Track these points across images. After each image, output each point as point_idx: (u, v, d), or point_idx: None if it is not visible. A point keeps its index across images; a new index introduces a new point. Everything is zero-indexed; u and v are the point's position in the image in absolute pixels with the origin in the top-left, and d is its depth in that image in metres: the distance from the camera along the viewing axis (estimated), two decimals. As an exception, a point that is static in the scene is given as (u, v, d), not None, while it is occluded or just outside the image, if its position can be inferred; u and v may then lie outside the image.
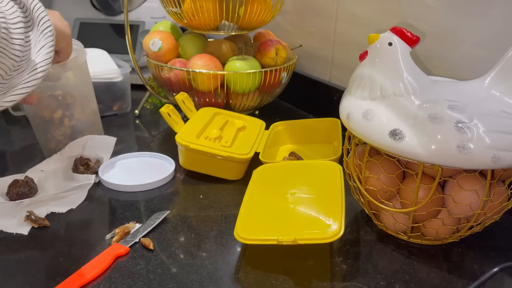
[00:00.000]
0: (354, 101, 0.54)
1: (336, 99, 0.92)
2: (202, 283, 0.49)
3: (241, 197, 0.59)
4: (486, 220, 0.52)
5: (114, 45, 1.15)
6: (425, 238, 0.56)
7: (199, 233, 0.58)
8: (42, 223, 0.58)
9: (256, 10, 0.86)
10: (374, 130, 0.51)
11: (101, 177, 0.70)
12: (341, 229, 0.49)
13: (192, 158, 0.71)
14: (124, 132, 0.89)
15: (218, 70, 0.86)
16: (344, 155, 0.61)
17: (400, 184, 0.54)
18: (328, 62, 0.98)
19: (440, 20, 0.70)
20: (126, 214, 0.63)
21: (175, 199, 0.67)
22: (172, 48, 0.90)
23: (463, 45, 0.67)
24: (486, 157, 0.45)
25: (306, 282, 0.50)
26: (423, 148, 0.47)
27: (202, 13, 0.84)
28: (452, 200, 0.51)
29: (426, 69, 0.73)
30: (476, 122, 0.46)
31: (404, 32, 0.52)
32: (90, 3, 1.28)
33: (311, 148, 0.83)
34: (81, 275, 0.49)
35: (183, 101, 0.80)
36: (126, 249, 0.54)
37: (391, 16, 0.79)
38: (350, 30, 0.90)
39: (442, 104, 0.48)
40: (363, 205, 0.60)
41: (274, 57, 0.89)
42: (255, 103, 0.93)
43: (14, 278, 0.49)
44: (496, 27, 0.63)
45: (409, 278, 0.51)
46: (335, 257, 0.54)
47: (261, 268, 0.52)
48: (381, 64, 0.53)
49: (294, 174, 0.62)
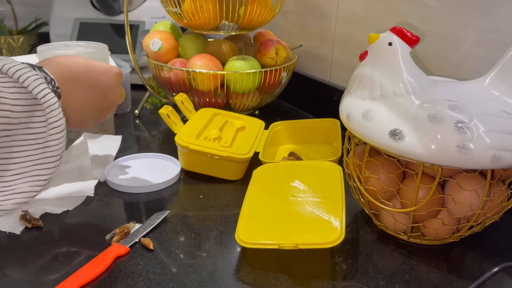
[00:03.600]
0: (354, 101, 0.54)
1: (336, 99, 0.92)
2: (202, 283, 0.49)
3: (241, 197, 0.59)
4: (486, 220, 0.52)
5: (114, 45, 1.15)
6: (425, 238, 0.56)
7: (199, 233, 0.58)
8: (36, 223, 0.58)
9: (256, 10, 0.86)
10: (374, 130, 0.51)
11: (107, 178, 0.70)
12: (342, 233, 0.49)
13: (192, 159, 0.71)
14: (124, 132, 0.89)
15: (218, 70, 0.86)
16: (344, 155, 0.61)
17: (400, 184, 0.54)
18: (328, 62, 0.98)
19: (440, 20, 0.70)
20: (126, 214, 0.63)
21: (175, 199, 0.67)
22: (172, 48, 0.90)
23: (463, 45, 0.67)
24: (486, 157, 0.45)
25: (306, 282, 0.50)
26: (423, 148, 0.47)
27: (202, 13, 0.84)
28: (452, 200, 0.51)
29: (426, 69, 0.73)
30: (476, 122, 0.46)
31: (404, 32, 0.52)
32: (90, 3, 1.28)
33: (310, 148, 0.83)
34: (81, 275, 0.49)
35: (182, 102, 0.80)
36: (126, 249, 0.54)
37: (391, 16, 0.79)
38: (350, 30, 0.90)
39: (442, 104, 0.48)
40: (363, 205, 0.60)
41: (274, 57, 0.89)
42: (255, 103, 0.93)
43: (14, 278, 0.49)
44: (496, 27, 0.63)
45: (409, 278, 0.51)
46: (335, 257, 0.54)
47: (261, 268, 0.52)
48: (381, 64, 0.53)
49: (295, 174, 0.62)
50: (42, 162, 0.41)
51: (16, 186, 0.40)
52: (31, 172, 0.41)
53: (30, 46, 1.50)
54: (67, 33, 1.25)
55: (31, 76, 0.39)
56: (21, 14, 1.56)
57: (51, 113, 0.40)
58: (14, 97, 0.38)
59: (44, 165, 0.41)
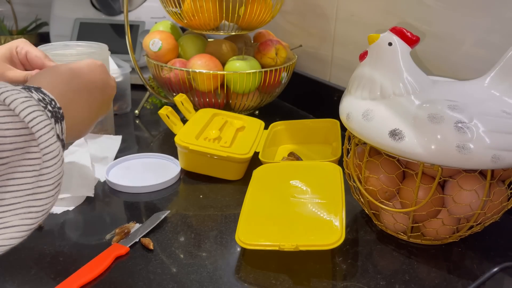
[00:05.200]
0: (354, 101, 0.54)
1: (336, 99, 0.92)
2: (202, 283, 0.49)
3: (241, 197, 0.59)
4: (486, 220, 0.52)
5: (114, 45, 1.15)
6: (425, 238, 0.56)
7: (199, 233, 0.58)
8: None
9: (256, 10, 0.86)
10: (374, 130, 0.51)
11: (107, 178, 0.70)
12: (343, 234, 0.49)
13: (192, 159, 0.71)
14: (124, 132, 0.89)
15: (218, 70, 0.86)
16: (344, 155, 0.61)
17: (400, 184, 0.54)
18: (328, 62, 0.98)
19: (440, 20, 0.70)
20: (126, 214, 0.63)
21: (175, 199, 0.67)
22: (172, 48, 0.90)
23: (463, 45, 0.67)
24: (486, 157, 0.45)
25: (306, 282, 0.50)
26: (423, 148, 0.47)
27: (202, 13, 0.84)
28: (452, 200, 0.51)
29: (426, 69, 0.73)
30: (476, 122, 0.46)
31: (404, 32, 0.52)
32: (90, 3, 1.28)
33: (310, 148, 0.83)
34: (81, 275, 0.49)
35: (182, 102, 0.80)
36: (126, 249, 0.54)
37: (391, 16, 0.79)
38: (350, 30, 0.90)
39: (442, 104, 0.48)
40: (363, 205, 0.60)
41: (274, 57, 0.89)
42: (255, 103, 0.93)
43: (14, 278, 0.49)
44: (496, 27, 0.63)
45: (409, 278, 0.51)
46: (335, 257, 0.54)
47: (261, 268, 0.52)
48: (381, 64, 0.53)
49: (295, 175, 0.62)
50: (36, 192, 0.37)
51: (7, 218, 0.36)
52: (24, 203, 0.37)
53: (30, 46, 1.50)
54: (67, 33, 1.25)
55: (18, 99, 0.35)
56: (21, 14, 1.56)
57: (40, 138, 0.36)
58: (4, 121, 0.34)
59: (38, 195, 0.37)
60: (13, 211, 0.36)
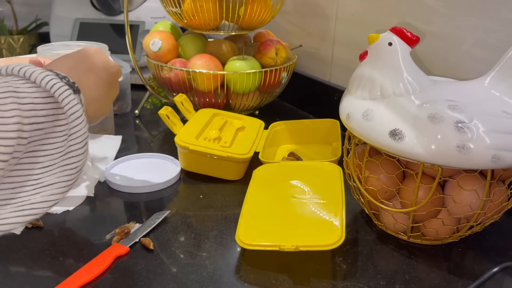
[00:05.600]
0: (354, 101, 0.54)
1: (336, 99, 0.92)
2: (202, 283, 0.49)
3: (241, 197, 0.59)
4: (486, 220, 0.52)
5: (114, 45, 1.15)
6: (425, 238, 0.56)
7: (199, 233, 0.58)
8: (36, 223, 0.58)
9: (256, 10, 0.86)
10: (374, 130, 0.51)
11: (107, 178, 0.70)
12: (343, 235, 0.49)
13: (192, 159, 0.71)
14: (124, 132, 0.89)
15: (218, 70, 0.86)
16: (344, 155, 0.61)
17: (400, 184, 0.54)
18: (328, 62, 0.98)
19: (440, 20, 0.70)
20: (126, 214, 0.63)
21: (175, 199, 0.67)
22: (172, 48, 0.90)
23: (463, 45, 0.67)
24: (486, 157, 0.45)
25: (306, 282, 0.50)
26: (423, 148, 0.47)
27: (202, 13, 0.84)
28: (452, 200, 0.51)
29: (426, 69, 0.73)
30: (476, 122, 0.46)
31: (404, 32, 0.52)
32: (90, 3, 1.28)
33: (310, 148, 0.83)
34: (81, 275, 0.49)
35: (182, 102, 0.80)
36: (126, 249, 0.54)
37: (391, 16, 0.79)
38: (350, 30, 0.90)
39: (442, 104, 0.48)
40: (363, 205, 0.60)
41: (274, 57, 0.89)
42: (255, 103, 0.93)
43: (14, 278, 0.49)
44: (496, 27, 0.63)
45: (409, 278, 0.51)
46: (335, 257, 0.54)
47: (261, 268, 0.52)
48: (381, 64, 0.53)
49: (295, 175, 0.62)
50: (68, 150, 0.41)
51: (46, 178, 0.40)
52: (60, 163, 0.41)
53: (30, 46, 1.50)
54: (67, 33, 1.25)
55: (36, 71, 0.39)
56: (21, 14, 1.56)
57: (63, 101, 0.40)
58: (31, 91, 0.39)
59: (70, 153, 0.41)
60: (50, 172, 0.40)
